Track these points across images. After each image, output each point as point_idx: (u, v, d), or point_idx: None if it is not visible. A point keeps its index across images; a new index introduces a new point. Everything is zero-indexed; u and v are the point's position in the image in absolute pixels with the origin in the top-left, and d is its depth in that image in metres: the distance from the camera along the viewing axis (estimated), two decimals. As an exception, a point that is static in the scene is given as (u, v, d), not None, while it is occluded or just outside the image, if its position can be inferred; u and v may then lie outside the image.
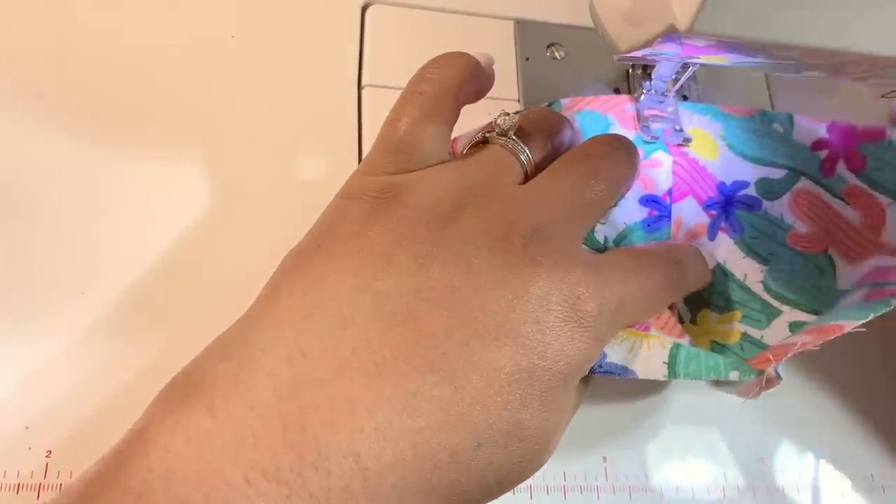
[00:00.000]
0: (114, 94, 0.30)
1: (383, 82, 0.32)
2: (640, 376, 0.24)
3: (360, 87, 0.32)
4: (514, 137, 0.23)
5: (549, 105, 0.29)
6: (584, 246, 0.25)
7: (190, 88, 0.31)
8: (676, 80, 0.30)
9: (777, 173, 0.30)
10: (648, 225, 0.28)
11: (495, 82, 0.25)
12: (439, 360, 0.18)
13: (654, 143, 0.30)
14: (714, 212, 0.29)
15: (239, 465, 0.16)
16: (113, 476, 0.16)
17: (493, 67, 0.25)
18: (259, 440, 0.16)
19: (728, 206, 0.29)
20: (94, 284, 0.26)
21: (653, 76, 0.30)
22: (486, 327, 0.18)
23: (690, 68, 0.28)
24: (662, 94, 0.30)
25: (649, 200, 0.29)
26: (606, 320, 0.20)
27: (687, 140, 0.31)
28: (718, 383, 0.25)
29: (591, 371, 0.23)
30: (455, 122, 0.23)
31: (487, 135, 0.24)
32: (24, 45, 0.30)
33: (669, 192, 0.29)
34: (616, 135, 0.26)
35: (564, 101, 0.29)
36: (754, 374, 0.24)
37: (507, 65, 0.34)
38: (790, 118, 0.31)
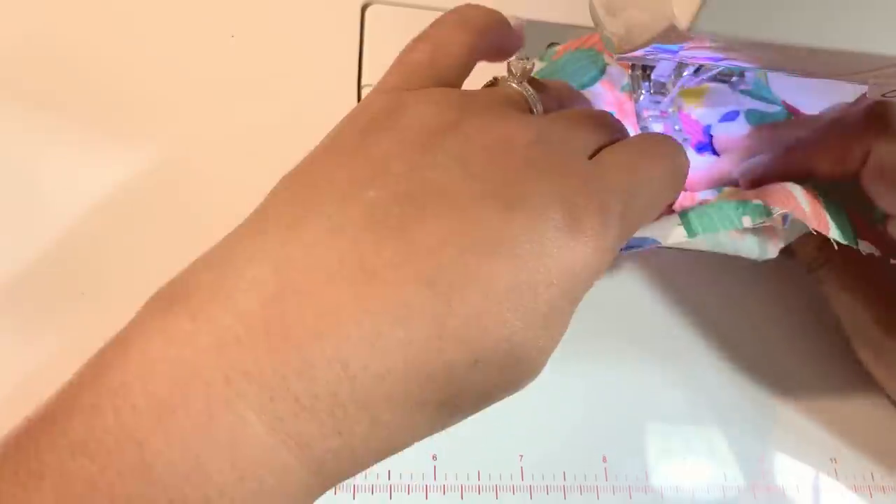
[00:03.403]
0: (114, 94, 0.30)
1: (383, 82, 0.32)
2: (664, 243, 0.24)
3: (359, 87, 0.32)
4: (527, 86, 0.23)
5: (548, 47, 0.30)
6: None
7: (190, 88, 0.31)
8: (676, 79, 0.30)
9: (770, 108, 0.31)
10: None
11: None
12: (433, 272, 0.17)
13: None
14: (708, 152, 0.31)
15: (219, 366, 0.15)
16: (90, 379, 0.16)
17: (523, 32, 0.24)
18: (241, 344, 0.15)
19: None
20: (95, 284, 0.26)
21: (652, 76, 0.30)
22: (482, 239, 0.17)
23: (690, 68, 0.28)
24: (662, 93, 0.31)
25: None
26: (612, 228, 0.19)
27: (686, 140, 0.31)
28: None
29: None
30: (475, 60, 0.23)
31: (500, 77, 0.23)
32: (24, 45, 0.30)
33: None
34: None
35: (559, 47, 0.30)
36: (764, 216, 0.23)
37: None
38: (766, 74, 0.33)
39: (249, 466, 0.15)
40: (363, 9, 0.34)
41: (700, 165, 0.30)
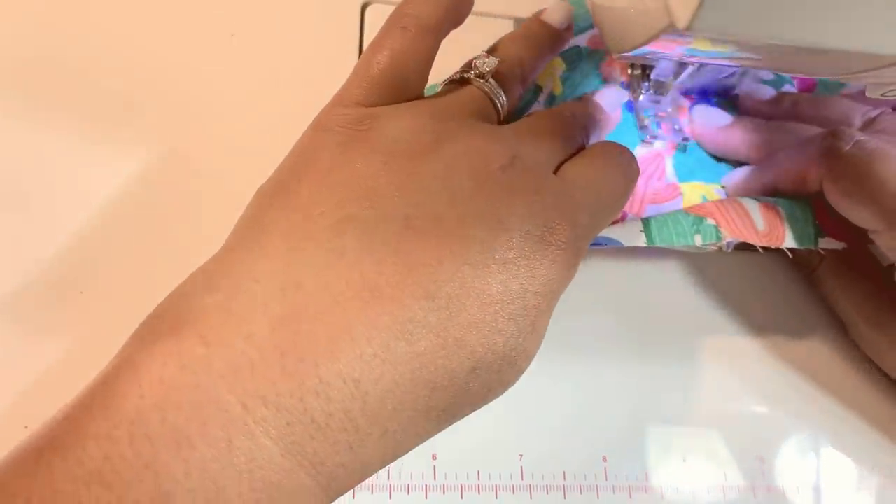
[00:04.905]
0: (114, 94, 0.30)
1: (383, 82, 0.32)
2: (625, 244, 0.26)
3: (359, 87, 0.32)
4: (492, 81, 0.24)
5: None
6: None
7: (190, 88, 0.31)
8: (675, 79, 0.30)
9: (767, 73, 0.33)
10: (630, 104, 0.31)
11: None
12: (433, 287, 0.18)
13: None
14: (694, 95, 0.32)
15: (236, 392, 0.15)
16: (103, 404, 0.15)
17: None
18: (256, 369, 0.16)
19: (705, 93, 0.32)
20: (94, 284, 0.26)
21: (651, 76, 0.30)
22: (474, 255, 0.18)
23: (689, 67, 0.28)
24: (661, 93, 0.31)
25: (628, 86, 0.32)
26: (581, 239, 0.21)
27: (686, 140, 0.31)
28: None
29: None
30: (433, 59, 0.23)
31: (465, 75, 0.24)
32: (24, 45, 0.30)
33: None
34: (588, 104, 0.28)
35: None
36: (714, 239, 0.26)
37: (507, 64, 0.34)
38: None
39: (267, 489, 0.15)
40: (363, 9, 0.34)
41: (715, 120, 0.31)
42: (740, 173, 0.30)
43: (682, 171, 0.31)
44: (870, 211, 0.25)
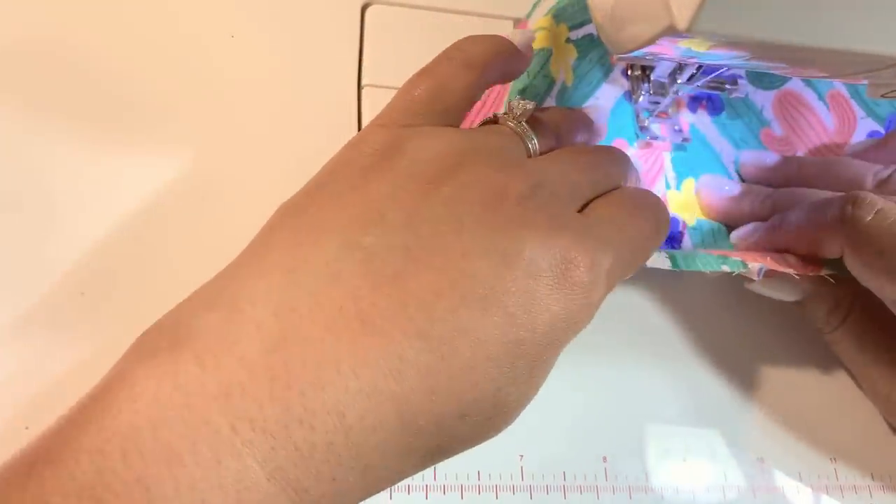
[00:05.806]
0: (114, 94, 0.30)
1: (383, 82, 0.32)
2: (648, 265, 0.25)
3: (359, 87, 0.32)
4: (524, 124, 0.23)
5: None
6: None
7: (190, 88, 0.31)
8: (675, 80, 0.30)
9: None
10: (629, 94, 0.30)
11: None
12: (426, 325, 0.17)
13: None
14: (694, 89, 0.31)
15: (226, 414, 0.16)
16: (97, 419, 0.16)
17: (531, 47, 0.25)
18: (246, 392, 0.16)
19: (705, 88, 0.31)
20: (95, 284, 0.26)
21: (652, 76, 0.30)
22: (473, 294, 0.18)
23: (689, 68, 0.28)
24: (661, 94, 0.31)
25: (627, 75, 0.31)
26: (599, 284, 0.20)
27: (685, 140, 0.31)
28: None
29: None
30: (476, 99, 0.23)
31: (499, 115, 0.23)
32: (24, 44, 0.30)
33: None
34: (616, 148, 0.27)
35: None
36: (741, 268, 0.25)
37: (507, 65, 0.34)
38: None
39: None
40: (363, 9, 0.34)
41: (722, 188, 0.30)
42: (749, 230, 0.29)
43: (680, 167, 0.30)
44: None
